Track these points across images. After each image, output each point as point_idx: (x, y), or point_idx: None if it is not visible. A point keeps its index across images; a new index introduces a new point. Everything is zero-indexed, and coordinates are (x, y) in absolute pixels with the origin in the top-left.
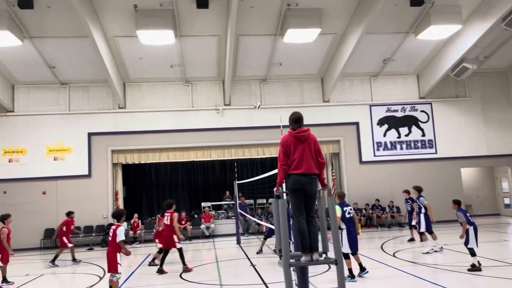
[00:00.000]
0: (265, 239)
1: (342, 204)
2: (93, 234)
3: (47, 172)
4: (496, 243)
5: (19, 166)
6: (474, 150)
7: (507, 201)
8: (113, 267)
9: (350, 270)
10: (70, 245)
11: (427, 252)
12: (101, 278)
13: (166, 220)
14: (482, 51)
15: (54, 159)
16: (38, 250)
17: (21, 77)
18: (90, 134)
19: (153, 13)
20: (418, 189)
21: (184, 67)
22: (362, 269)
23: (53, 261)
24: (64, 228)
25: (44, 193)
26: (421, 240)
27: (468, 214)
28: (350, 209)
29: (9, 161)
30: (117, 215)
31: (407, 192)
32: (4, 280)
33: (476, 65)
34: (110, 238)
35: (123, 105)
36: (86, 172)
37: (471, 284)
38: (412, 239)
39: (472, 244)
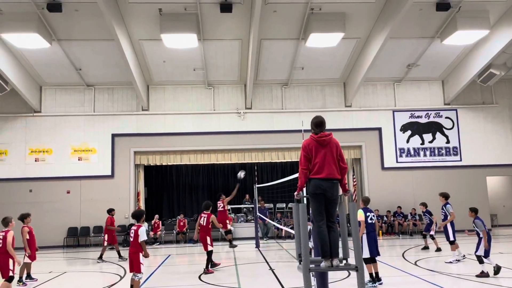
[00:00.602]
0: None
1: (366, 210)
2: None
3: (72, 171)
4: None
5: (45, 165)
6: (501, 158)
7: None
8: (136, 267)
9: (371, 275)
10: (106, 243)
11: (450, 262)
12: (121, 277)
13: (202, 221)
14: (510, 57)
15: (79, 159)
16: (62, 248)
17: (48, 78)
18: (113, 135)
19: (178, 17)
20: (445, 196)
21: (206, 71)
22: (378, 278)
23: (100, 257)
24: (108, 226)
25: (68, 192)
26: (452, 249)
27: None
28: (373, 215)
29: (36, 160)
30: (137, 215)
31: (424, 205)
32: (29, 276)
33: (503, 71)
34: (131, 239)
35: (146, 107)
36: (109, 173)
37: None
38: (425, 248)
39: (480, 252)
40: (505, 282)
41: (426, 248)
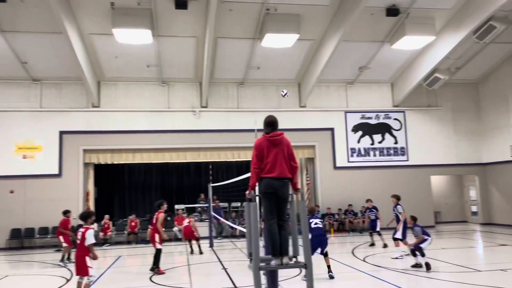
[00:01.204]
0: None
1: (310, 217)
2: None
3: (15, 170)
4: (462, 249)
5: None
6: (444, 159)
7: (474, 208)
8: (83, 270)
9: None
10: (65, 244)
11: (396, 258)
12: (68, 280)
13: (155, 220)
14: (454, 62)
15: (23, 157)
16: (4, 250)
17: None
18: (61, 133)
19: (130, 11)
20: (397, 197)
21: (161, 68)
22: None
23: (62, 260)
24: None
25: (11, 192)
26: (396, 245)
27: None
28: (319, 221)
29: None
30: (84, 216)
31: (370, 201)
32: None
33: (448, 76)
34: (78, 241)
35: (97, 104)
36: (57, 172)
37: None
38: (373, 244)
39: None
40: (445, 276)
41: (373, 244)
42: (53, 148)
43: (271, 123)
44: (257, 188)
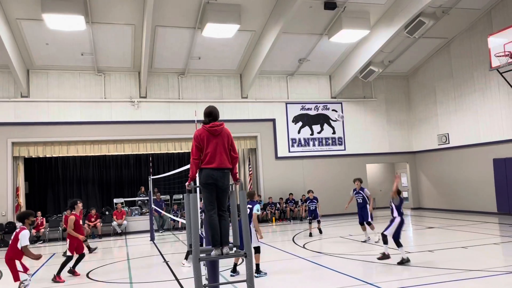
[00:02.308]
0: None
1: (249, 202)
2: None
3: None
4: None
5: None
6: (378, 148)
7: (405, 194)
8: (14, 275)
9: (257, 266)
10: None
11: (377, 241)
12: None
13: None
14: (387, 55)
15: None
16: None
17: None
18: None
19: None
20: (361, 181)
21: (96, 56)
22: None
23: None
24: None
25: None
26: (371, 229)
27: (401, 205)
28: (256, 209)
29: None
30: (21, 217)
31: (311, 191)
32: None
33: (381, 69)
34: (11, 242)
35: (26, 93)
36: None
37: (372, 270)
38: (310, 234)
39: (388, 232)
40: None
41: (311, 234)
42: None
43: (210, 113)
44: (197, 179)
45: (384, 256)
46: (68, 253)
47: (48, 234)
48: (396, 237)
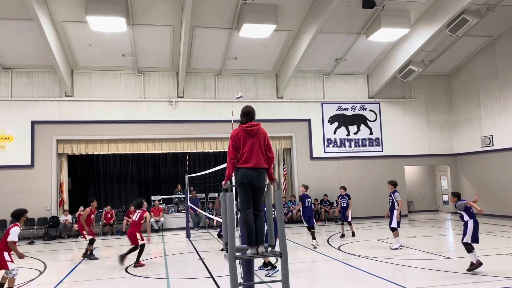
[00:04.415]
0: (221, 237)
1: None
2: (35, 227)
3: None
4: (434, 237)
5: None
6: (417, 149)
7: (445, 198)
8: (2, 264)
9: (269, 263)
10: None
11: (396, 248)
12: (41, 273)
13: (135, 217)
14: (427, 55)
15: None
16: None
17: None
18: (33, 123)
19: None
20: (394, 184)
21: (136, 57)
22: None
23: None
24: None
25: None
26: (394, 236)
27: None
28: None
29: None
30: (16, 214)
31: (344, 188)
32: None
33: (421, 68)
34: (4, 236)
35: (70, 93)
36: (29, 162)
37: (408, 275)
38: (343, 235)
39: (467, 239)
40: (417, 263)
41: (343, 235)
42: (25, 138)
43: (247, 113)
44: (233, 178)
45: (474, 266)
46: (141, 242)
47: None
48: (475, 239)
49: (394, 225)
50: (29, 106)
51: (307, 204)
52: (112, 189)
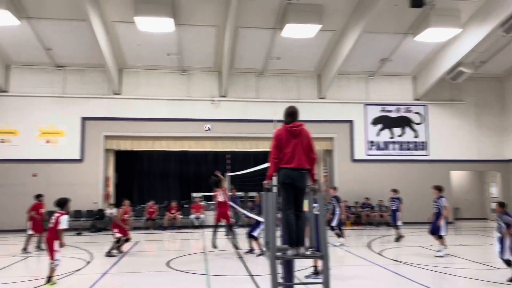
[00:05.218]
0: (251, 237)
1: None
2: (82, 219)
3: (39, 154)
4: (481, 246)
5: (10, 147)
6: (465, 154)
7: (494, 206)
8: (52, 253)
9: (315, 267)
10: (30, 232)
11: (441, 256)
12: (88, 263)
13: (221, 198)
14: (479, 56)
15: (47, 142)
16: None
17: (16, 57)
18: (83, 119)
19: None
20: (440, 189)
21: (181, 56)
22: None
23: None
24: (33, 213)
25: (34, 175)
26: (441, 244)
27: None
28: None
29: (1, 142)
30: (60, 203)
31: (395, 191)
32: None
33: (472, 70)
34: (52, 225)
35: (118, 91)
36: (78, 157)
37: (453, 284)
38: (400, 237)
39: (508, 255)
40: (463, 272)
41: (401, 237)
42: (75, 134)
43: (291, 114)
44: (275, 178)
45: None
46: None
47: (132, 222)
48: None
49: (442, 232)
50: (80, 103)
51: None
52: (155, 184)
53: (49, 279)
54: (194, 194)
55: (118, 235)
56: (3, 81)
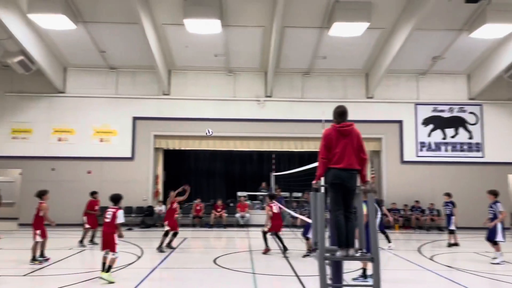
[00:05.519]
0: (306, 239)
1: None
2: (133, 215)
3: (93, 152)
4: None
5: (67, 145)
6: None
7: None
8: (112, 246)
9: (364, 270)
10: (87, 226)
11: (497, 263)
12: (139, 257)
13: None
14: None
15: (100, 141)
16: (81, 226)
17: (73, 60)
18: (134, 118)
19: (201, 2)
20: (495, 194)
21: (228, 57)
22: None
23: (81, 241)
24: (88, 210)
25: (89, 172)
26: (496, 250)
27: None
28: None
29: (59, 140)
30: (115, 198)
31: (448, 195)
32: (42, 255)
33: None
34: (108, 220)
35: (167, 91)
36: (129, 155)
37: None
38: (454, 244)
39: (500, 237)
40: None
41: (455, 244)
42: (127, 133)
43: (341, 113)
44: (323, 178)
45: None
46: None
47: (180, 219)
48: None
49: (499, 238)
50: (131, 103)
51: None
52: (201, 183)
53: (108, 269)
54: (239, 193)
55: (167, 228)
56: (61, 83)
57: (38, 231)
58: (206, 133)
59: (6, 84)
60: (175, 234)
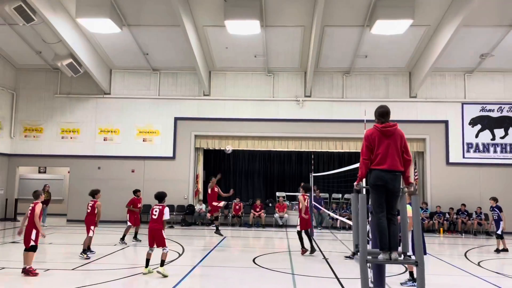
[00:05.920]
0: None
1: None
2: (174, 213)
3: (137, 152)
4: None
5: (112, 144)
6: None
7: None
8: (161, 241)
9: (411, 273)
10: (129, 223)
11: None
12: (180, 255)
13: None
14: None
15: (143, 140)
16: (125, 223)
17: (118, 62)
18: (176, 119)
19: (242, 3)
20: None
21: (267, 57)
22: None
23: (123, 238)
24: (131, 207)
25: (133, 171)
26: None
27: None
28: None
29: (104, 140)
30: (160, 196)
31: (494, 199)
32: (89, 249)
33: None
34: (154, 217)
35: (207, 92)
36: (171, 154)
37: None
38: (503, 250)
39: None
40: None
41: (504, 250)
42: (169, 133)
43: (384, 113)
44: (365, 179)
45: None
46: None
47: (220, 218)
48: None
49: None
50: (173, 104)
51: None
52: (241, 183)
53: (162, 263)
54: (278, 194)
55: (209, 215)
56: (107, 85)
57: (92, 227)
58: (225, 151)
59: (55, 86)
60: (216, 218)
